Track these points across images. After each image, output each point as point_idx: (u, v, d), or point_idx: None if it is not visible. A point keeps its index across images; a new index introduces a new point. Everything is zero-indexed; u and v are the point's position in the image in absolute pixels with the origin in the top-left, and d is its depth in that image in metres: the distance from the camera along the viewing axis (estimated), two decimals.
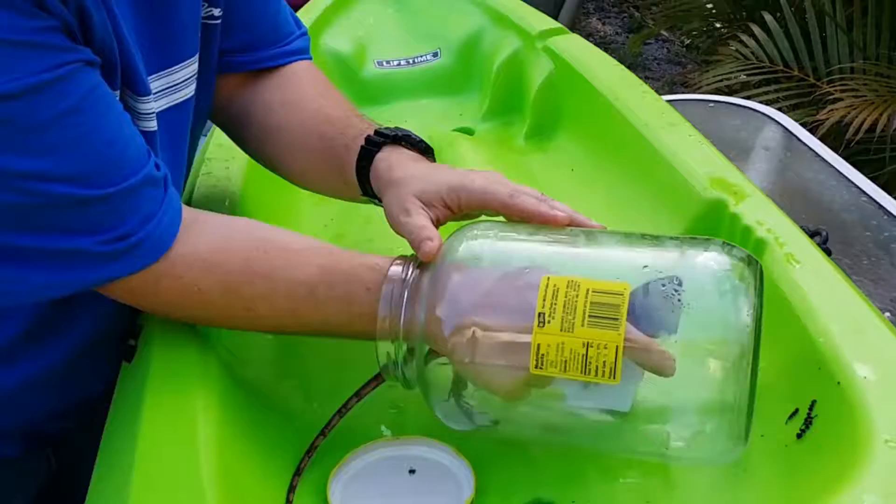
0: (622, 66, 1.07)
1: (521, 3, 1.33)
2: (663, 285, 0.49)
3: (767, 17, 2.38)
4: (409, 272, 0.58)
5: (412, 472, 0.60)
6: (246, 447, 0.58)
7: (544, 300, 0.50)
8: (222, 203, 0.84)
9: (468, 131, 1.20)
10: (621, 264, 0.54)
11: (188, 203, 0.84)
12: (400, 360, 0.57)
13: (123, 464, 0.53)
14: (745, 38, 2.36)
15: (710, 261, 0.51)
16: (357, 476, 0.60)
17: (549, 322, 0.49)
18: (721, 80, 2.43)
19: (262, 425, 0.62)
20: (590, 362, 0.48)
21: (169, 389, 0.58)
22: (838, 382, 0.52)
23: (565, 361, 0.49)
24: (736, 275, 0.50)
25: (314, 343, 0.73)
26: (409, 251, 0.61)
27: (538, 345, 0.49)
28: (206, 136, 1.19)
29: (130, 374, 0.63)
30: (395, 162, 0.68)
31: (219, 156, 0.89)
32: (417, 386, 0.58)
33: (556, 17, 2.45)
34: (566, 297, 0.49)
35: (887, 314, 1.00)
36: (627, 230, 0.58)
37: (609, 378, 0.48)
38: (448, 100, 1.30)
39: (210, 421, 0.56)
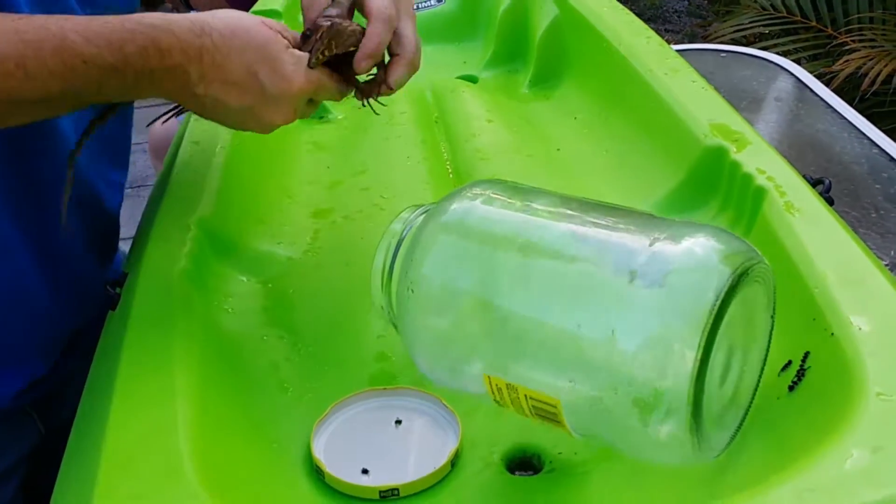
0: (627, 11, 1.04)
1: None
2: None
3: None
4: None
5: (398, 422, 0.60)
6: (225, 397, 0.57)
7: (492, 392, 0.53)
8: (215, 148, 0.82)
9: (472, 79, 1.18)
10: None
11: (177, 152, 0.83)
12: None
13: (100, 413, 0.53)
14: None
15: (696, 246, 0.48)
16: (342, 426, 0.59)
17: (503, 405, 0.53)
18: (738, 31, 2.38)
19: (243, 375, 0.62)
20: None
21: (148, 339, 0.57)
22: (832, 334, 0.50)
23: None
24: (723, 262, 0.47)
25: (303, 294, 0.72)
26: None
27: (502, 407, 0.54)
28: None
29: (113, 323, 0.62)
30: None
31: None
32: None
33: None
34: (510, 396, 0.52)
35: None
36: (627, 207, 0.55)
37: None
38: (452, 46, 1.27)
39: (190, 371, 0.55)
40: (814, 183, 0.67)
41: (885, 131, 1.19)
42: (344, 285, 0.73)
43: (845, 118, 1.19)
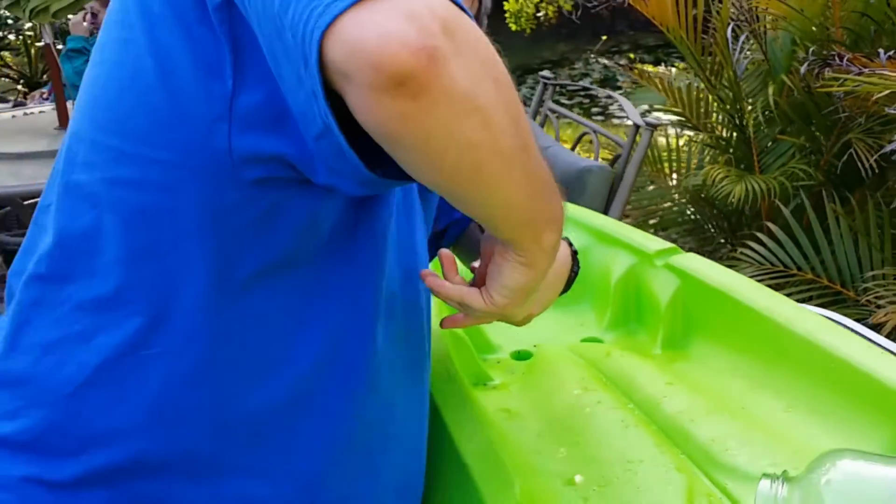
0: (756, 283, 1.17)
1: (622, 224, 1.45)
2: None
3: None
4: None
5: None
6: None
7: None
8: None
9: (597, 340, 1.27)
10: None
11: None
12: None
13: None
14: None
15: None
16: None
17: None
18: None
19: None
20: None
21: None
22: None
23: None
24: None
25: None
26: None
27: None
28: None
29: None
30: None
31: None
32: None
33: (605, 212, 2.54)
34: None
35: None
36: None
37: None
38: (563, 312, 1.37)
39: None
40: None
41: None
42: None
43: None
